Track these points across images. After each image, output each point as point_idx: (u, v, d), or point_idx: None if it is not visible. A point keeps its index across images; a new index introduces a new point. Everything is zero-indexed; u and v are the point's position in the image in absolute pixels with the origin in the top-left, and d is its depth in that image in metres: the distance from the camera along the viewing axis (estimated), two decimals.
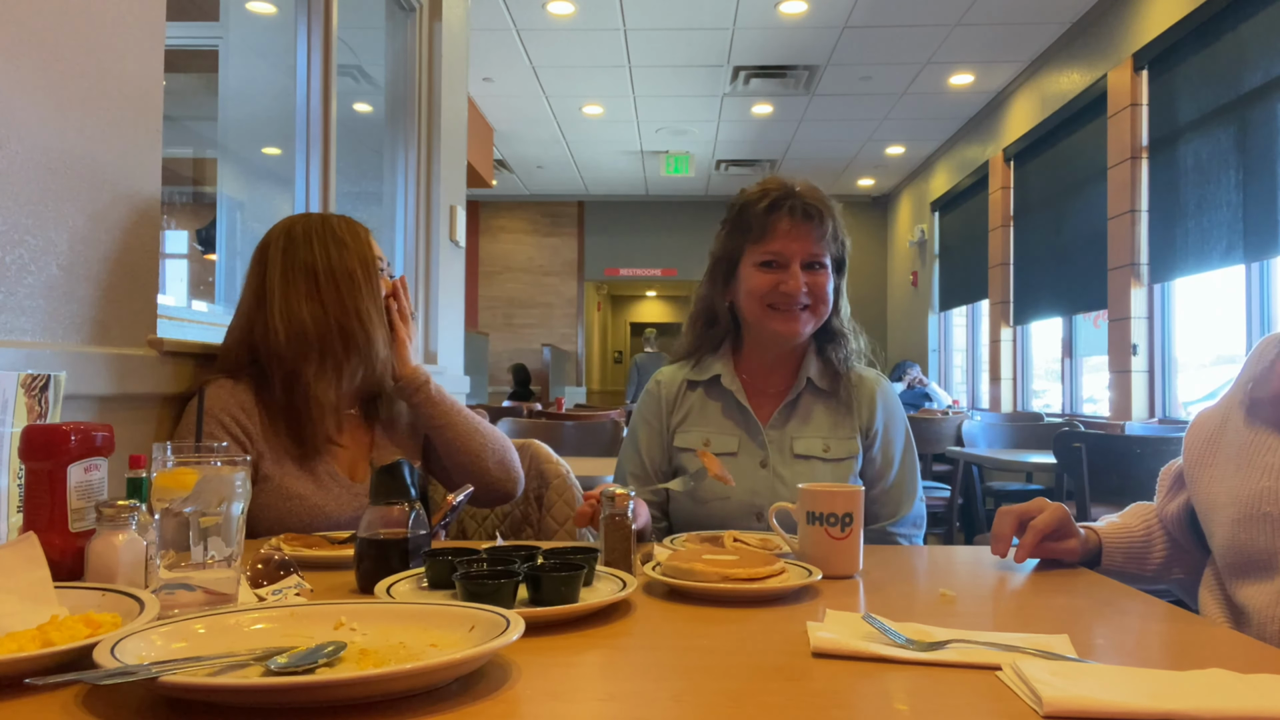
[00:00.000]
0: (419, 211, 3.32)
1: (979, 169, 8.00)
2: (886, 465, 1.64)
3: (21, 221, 1.29)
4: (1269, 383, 1.14)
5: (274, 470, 1.50)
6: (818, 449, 1.60)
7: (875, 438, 1.64)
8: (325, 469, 1.54)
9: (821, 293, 1.59)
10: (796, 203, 1.58)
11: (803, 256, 1.58)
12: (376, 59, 3.33)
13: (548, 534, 1.80)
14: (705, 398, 1.67)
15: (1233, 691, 0.70)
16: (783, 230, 1.58)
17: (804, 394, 1.64)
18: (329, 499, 1.52)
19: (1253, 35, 4.37)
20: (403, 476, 1.10)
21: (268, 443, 1.51)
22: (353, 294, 1.53)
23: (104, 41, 1.45)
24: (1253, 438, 1.14)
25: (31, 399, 1.09)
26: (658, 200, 11.57)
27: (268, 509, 1.48)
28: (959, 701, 0.71)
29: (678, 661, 0.83)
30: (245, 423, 1.50)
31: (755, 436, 1.62)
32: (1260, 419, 1.15)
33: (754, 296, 1.60)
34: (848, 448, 1.61)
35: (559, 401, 7.28)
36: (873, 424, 1.64)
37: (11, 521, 1.05)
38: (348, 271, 1.54)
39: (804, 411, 1.63)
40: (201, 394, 1.44)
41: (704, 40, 6.49)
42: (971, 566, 1.29)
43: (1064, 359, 6.57)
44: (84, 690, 0.71)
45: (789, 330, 1.59)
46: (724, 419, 1.64)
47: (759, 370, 1.67)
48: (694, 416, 1.66)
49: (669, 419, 1.68)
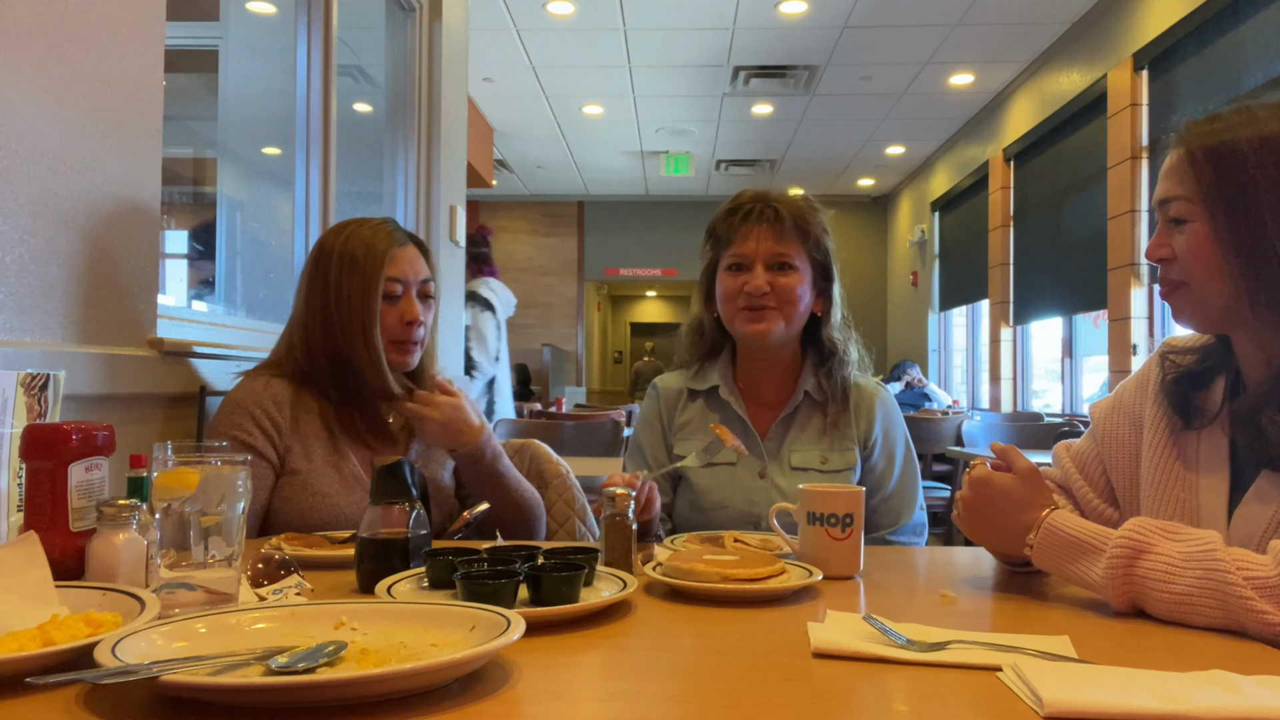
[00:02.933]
0: (419, 211, 3.32)
1: (979, 169, 8.00)
2: (886, 474, 1.65)
3: (21, 221, 1.29)
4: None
5: (301, 465, 1.52)
6: (815, 461, 1.62)
7: (874, 447, 1.64)
8: (352, 471, 1.56)
9: (788, 294, 1.59)
10: (758, 206, 1.61)
11: (765, 257, 1.60)
12: (376, 59, 3.33)
13: (548, 534, 1.80)
14: (705, 408, 1.69)
15: (1233, 692, 0.70)
16: (746, 232, 1.61)
17: (801, 406, 1.65)
18: (351, 500, 1.53)
19: (1253, 35, 4.37)
20: (403, 476, 1.10)
21: (297, 437, 1.53)
22: (347, 318, 1.55)
23: (104, 41, 1.45)
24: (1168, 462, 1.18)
25: (31, 398, 1.09)
26: (658, 200, 11.57)
27: (290, 502, 1.50)
28: (959, 702, 0.71)
29: (678, 661, 0.83)
30: (275, 415, 1.52)
31: (754, 448, 1.63)
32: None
33: (726, 300, 1.64)
34: (845, 459, 1.62)
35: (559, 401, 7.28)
36: (871, 433, 1.64)
37: (12, 521, 1.05)
38: (345, 296, 1.55)
39: (802, 423, 1.65)
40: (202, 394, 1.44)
41: (704, 40, 6.49)
42: (971, 567, 1.29)
43: (1064, 359, 6.57)
44: (85, 690, 0.71)
45: (755, 331, 1.60)
46: (723, 429, 1.65)
47: (755, 380, 1.68)
48: (694, 425, 1.68)
49: (669, 421, 1.71)
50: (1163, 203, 1.11)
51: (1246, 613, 0.90)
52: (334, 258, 1.56)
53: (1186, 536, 0.99)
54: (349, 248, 1.56)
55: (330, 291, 1.55)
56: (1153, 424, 1.21)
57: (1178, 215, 1.09)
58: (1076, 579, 1.05)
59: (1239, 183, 1.04)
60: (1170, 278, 1.12)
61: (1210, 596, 0.93)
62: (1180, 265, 1.10)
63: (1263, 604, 0.90)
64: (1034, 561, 1.10)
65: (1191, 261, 1.08)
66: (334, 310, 1.55)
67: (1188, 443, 1.16)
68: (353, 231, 1.59)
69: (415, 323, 1.58)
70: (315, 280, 1.58)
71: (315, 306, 1.57)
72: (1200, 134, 1.08)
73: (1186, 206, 1.08)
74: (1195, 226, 1.08)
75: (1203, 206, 1.07)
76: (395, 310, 1.57)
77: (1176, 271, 1.11)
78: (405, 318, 1.57)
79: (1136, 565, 0.99)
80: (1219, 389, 1.15)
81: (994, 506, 1.14)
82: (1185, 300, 1.12)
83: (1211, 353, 1.18)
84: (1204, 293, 1.09)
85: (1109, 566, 1.00)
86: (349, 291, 1.54)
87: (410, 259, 1.60)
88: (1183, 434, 1.17)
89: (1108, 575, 0.99)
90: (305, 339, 1.58)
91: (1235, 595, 0.91)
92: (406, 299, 1.58)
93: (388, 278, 1.56)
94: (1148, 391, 1.25)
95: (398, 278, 1.57)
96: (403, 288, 1.58)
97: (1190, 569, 0.95)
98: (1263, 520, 1.04)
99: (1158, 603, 0.97)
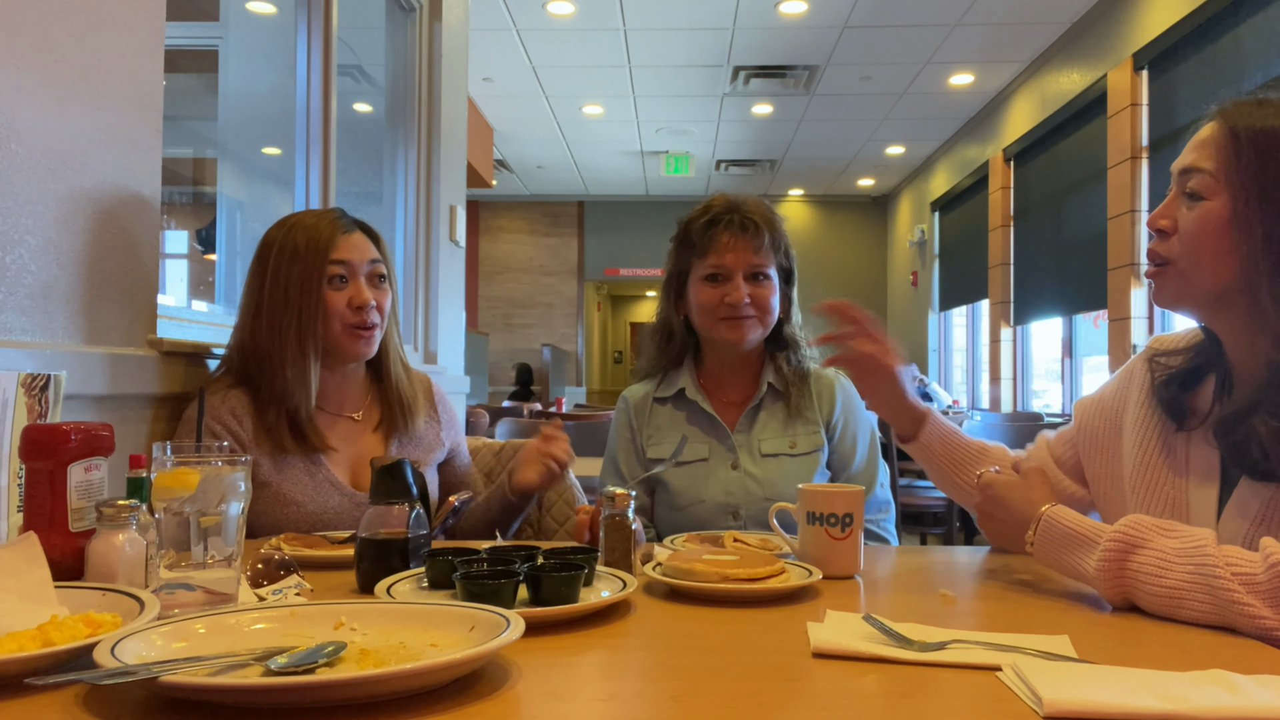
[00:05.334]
0: (419, 211, 3.31)
1: (979, 169, 8.00)
2: (850, 453, 1.73)
3: (21, 221, 1.29)
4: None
5: (271, 476, 1.50)
6: (784, 446, 1.68)
7: (836, 428, 1.72)
8: (325, 475, 1.54)
9: (765, 303, 1.67)
10: (735, 217, 1.66)
11: (745, 268, 1.65)
12: (376, 59, 3.33)
13: (547, 534, 1.80)
14: (673, 410, 1.75)
15: (1233, 691, 0.70)
16: (724, 244, 1.66)
17: (765, 398, 1.72)
18: (326, 507, 1.52)
19: (1253, 35, 4.37)
20: (403, 476, 1.10)
21: (260, 448, 1.50)
22: (282, 311, 1.51)
23: (104, 41, 1.45)
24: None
25: (31, 399, 1.09)
26: (658, 200, 11.56)
27: (265, 514, 1.48)
28: (959, 702, 0.71)
29: (678, 661, 0.83)
30: (236, 429, 1.50)
31: (724, 440, 1.69)
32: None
33: (704, 310, 1.68)
34: (813, 441, 1.69)
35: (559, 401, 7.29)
36: (833, 415, 1.72)
37: (11, 521, 1.05)
38: (283, 288, 1.51)
39: (767, 414, 1.71)
40: (202, 395, 1.44)
41: (704, 40, 6.49)
42: (971, 567, 1.29)
43: (1064, 359, 6.57)
44: (84, 690, 0.71)
45: (736, 338, 1.67)
46: (692, 428, 1.71)
47: (720, 379, 1.75)
48: (664, 429, 1.73)
49: (640, 432, 1.75)
50: (1184, 172, 1.08)
51: (1234, 607, 0.91)
52: (274, 249, 1.53)
53: (1180, 533, 0.99)
54: (291, 238, 1.53)
55: (267, 284, 1.52)
56: (1139, 425, 1.21)
57: (1197, 189, 1.06)
58: (1071, 571, 1.06)
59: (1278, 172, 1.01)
60: (1159, 252, 1.10)
61: (1200, 592, 0.94)
62: (1177, 242, 1.08)
63: (1250, 599, 0.90)
64: (1034, 556, 1.11)
65: (1194, 240, 1.06)
66: (268, 304, 1.51)
67: (1176, 444, 1.16)
68: (296, 222, 1.55)
69: (365, 305, 1.53)
70: (255, 274, 1.55)
71: (252, 301, 1.54)
72: (1247, 114, 1.04)
73: (1210, 183, 1.05)
74: (1212, 205, 1.05)
75: (1229, 187, 1.03)
76: (343, 295, 1.52)
77: (1168, 248, 1.09)
78: (354, 302, 1.52)
79: (1129, 560, 0.99)
80: (1209, 389, 1.15)
81: (1003, 508, 1.16)
82: (1169, 278, 1.10)
83: (1201, 351, 1.17)
84: (1192, 275, 1.07)
85: (1102, 560, 1.00)
86: (286, 283, 1.50)
87: (356, 244, 1.55)
88: (1172, 435, 1.17)
89: (1100, 568, 1.00)
90: (241, 338, 1.55)
91: (1224, 591, 0.92)
92: (354, 283, 1.53)
93: (331, 261, 1.51)
94: (1130, 391, 1.24)
95: (342, 260, 1.53)
96: (349, 272, 1.53)
97: (1181, 564, 0.96)
98: (1246, 524, 1.05)
99: (1149, 597, 0.98)
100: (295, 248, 1.52)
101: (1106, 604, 1.02)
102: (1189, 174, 1.08)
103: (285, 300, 1.50)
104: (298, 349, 1.50)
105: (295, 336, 1.50)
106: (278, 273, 1.51)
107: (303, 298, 1.50)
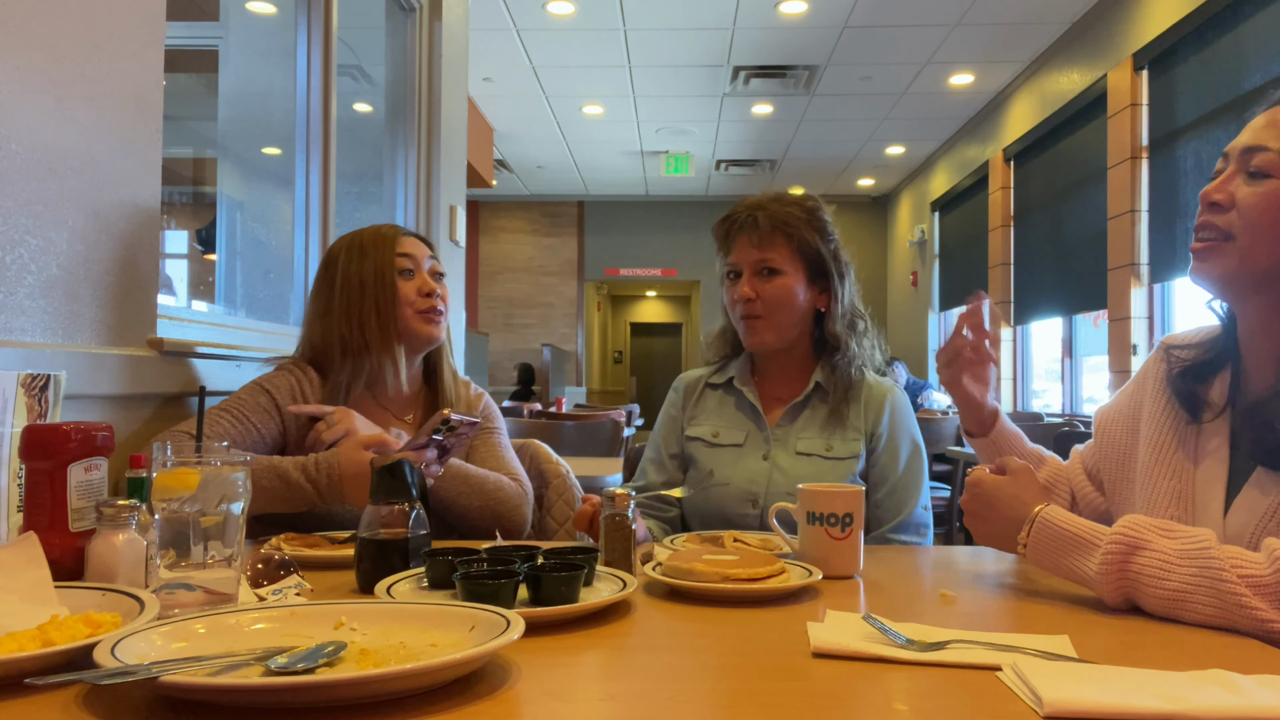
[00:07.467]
0: (419, 211, 3.32)
1: (979, 169, 8.00)
2: (890, 467, 1.65)
3: (21, 221, 1.29)
4: None
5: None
6: (820, 448, 1.64)
7: (880, 440, 1.65)
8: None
9: (774, 299, 1.63)
10: (746, 213, 1.65)
11: (751, 264, 1.64)
12: (376, 59, 3.33)
13: (548, 534, 1.80)
14: (723, 395, 1.75)
15: (1233, 691, 0.70)
16: (736, 242, 1.66)
17: (812, 398, 1.68)
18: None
19: (1252, 35, 4.37)
20: (403, 476, 1.10)
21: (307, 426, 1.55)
22: (360, 300, 1.59)
23: (104, 41, 1.45)
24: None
25: (31, 399, 1.09)
26: (658, 200, 11.57)
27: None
28: (959, 702, 0.71)
29: (678, 661, 0.83)
30: (301, 395, 1.58)
31: (761, 430, 1.68)
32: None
33: (728, 309, 1.72)
34: (850, 448, 1.63)
35: (559, 401, 7.28)
36: (878, 427, 1.65)
37: (11, 521, 1.05)
38: (358, 282, 1.60)
39: (811, 413, 1.68)
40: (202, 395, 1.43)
41: (704, 40, 6.49)
42: (971, 566, 1.29)
43: (1064, 359, 6.57)
44: (84, 690, 0.71)
45: (749, 343, 1.68)
46: (734, 413, 1.72)
47: (767, 372, 1.74)
48: (708, 412, 1.75)
49: (685, 413, 1.77)
50: (1248, 150, 1.07)
51: (1240, 609, 0.90)
52: (342, 252, 1.63)
53: (1181, 534, 0.99)
54: (357, 239, 1.64)
55: (339, 281, 1.60)
56: (1153, 419, 1.21)
57: (1262, 167, 1.05)
58: (1070, 574, 1.05)
59: None
60: (1218, 225, 1.08)
61: (1204, 593, 0.93)
62: (1237, 216, 1.06)
63: (1257, 601, 0.90)
64: (1028, 558, 1.10)
65: (1257, 216, 1.04)
66: (341, 298, 1.60)
67: (1188, 436, 1.16)
68: (358, 231, 1.67)
69: (433, 292, 1.63)
70: (323, 279, 1.64)
71: (322, 301, 1.62)
72: None
73: (1278, 161, 1.04)
74: (1278, 184, 1.04)
75: None
76: (412, 284, 1.62)
77: (1228, 221, 1.07)
78: (423, 289, 1.62)
79: (1131, 561, 0.99)
80: (1223, 382, 1.15)
81: (990, 507, 1.15)
82: (1225, 254, 1.07)
83: (1214, 344, 1.18)
84: (1252, 252, 1.05)
85: (1103, 562, 1.00)
86: (360, 276, 1.60)
87: (415, 244, 1.67)
88: (1184, 427, 1.17)
89: (1102, 570, 1.00)
90: (323, 334, 1.62)
91: (1229, 592, 0.91)
92: (420, 274, 1.64)
93: (399, 254, 1.62)
94: (1145, 388, 1.25)
95: (407, 254, 1.63)
96: (414, 264, 1.64)
97: (1184, 565, 0.95)
98: (1254, 518, 1.04)
99: (1152, 598, 0.97)
100: (363, 245, 1.62)
101: (1107, 604, 1.02)
102: (1254, 152, 1.06)
103: (361, 291, 1.60)
104: (380, 335, 1.59)
105: (377, 324, 1.59)
106: (349, 269, 1.61)
107: (378, 286, 1.60)
